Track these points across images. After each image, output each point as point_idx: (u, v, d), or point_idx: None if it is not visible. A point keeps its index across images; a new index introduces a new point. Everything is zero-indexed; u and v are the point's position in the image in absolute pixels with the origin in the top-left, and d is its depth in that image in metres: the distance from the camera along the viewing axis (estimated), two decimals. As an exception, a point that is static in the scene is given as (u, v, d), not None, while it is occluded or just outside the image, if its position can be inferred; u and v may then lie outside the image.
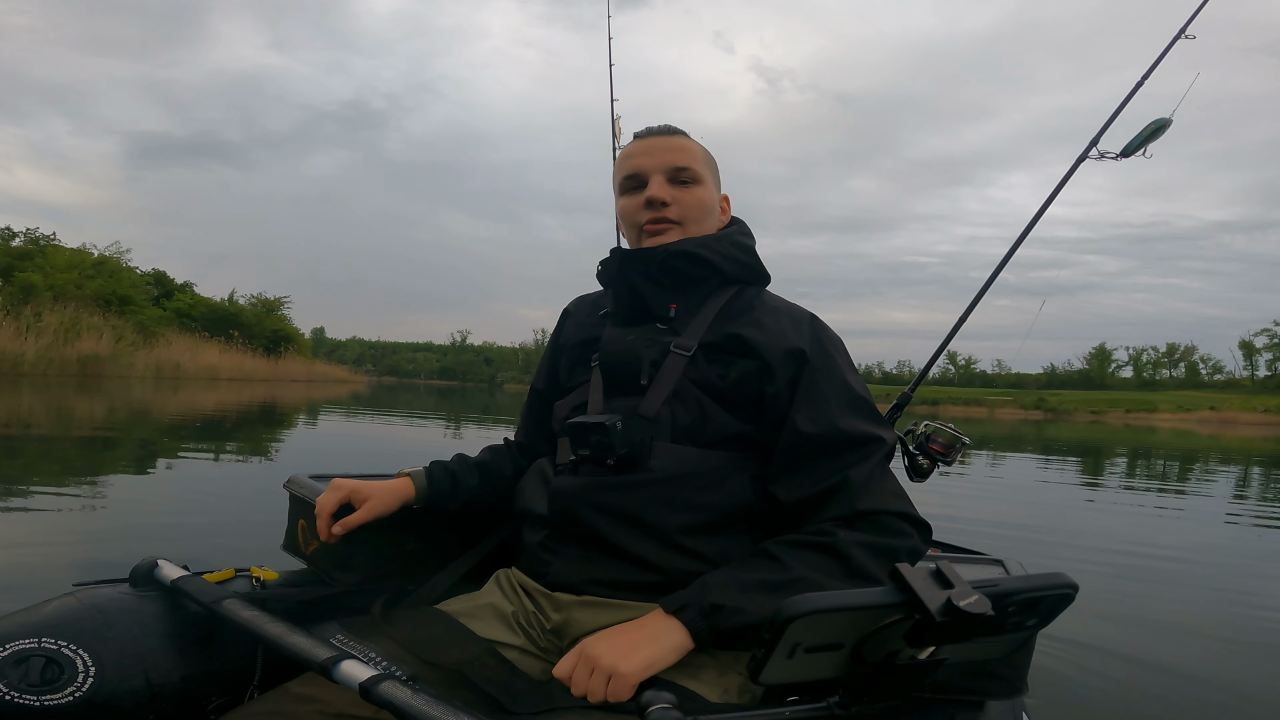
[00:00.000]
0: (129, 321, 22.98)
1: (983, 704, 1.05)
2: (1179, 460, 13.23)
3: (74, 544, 3.13)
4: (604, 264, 1.30)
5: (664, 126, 1.30)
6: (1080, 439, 20.85)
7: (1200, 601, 3.22)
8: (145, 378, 20.20)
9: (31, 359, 17.55)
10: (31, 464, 5.34)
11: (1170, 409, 70.42)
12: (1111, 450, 15.59)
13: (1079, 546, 4.35)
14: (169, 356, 22.71)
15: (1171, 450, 16.36)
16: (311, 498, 1.27)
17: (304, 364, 35.13)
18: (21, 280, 20.39)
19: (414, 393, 33.57)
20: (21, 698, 0.94)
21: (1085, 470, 10.46)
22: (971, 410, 67.13)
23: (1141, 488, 8.40)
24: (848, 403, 1.14)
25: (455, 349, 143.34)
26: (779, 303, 1.27)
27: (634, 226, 1.28)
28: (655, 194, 1.24)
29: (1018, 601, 0.73)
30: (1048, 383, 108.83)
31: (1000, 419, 46.99)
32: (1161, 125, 1.90)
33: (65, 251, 24.94)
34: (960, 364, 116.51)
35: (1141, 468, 11.40)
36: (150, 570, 1.17)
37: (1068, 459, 12.27)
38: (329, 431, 10.01)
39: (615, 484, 1.12)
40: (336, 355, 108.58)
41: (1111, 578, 3.48)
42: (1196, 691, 2.14)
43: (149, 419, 9.61)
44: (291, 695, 0.96)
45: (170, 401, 12.86)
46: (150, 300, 26.88)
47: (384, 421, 12.39)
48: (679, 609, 0.98)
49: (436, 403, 19.49)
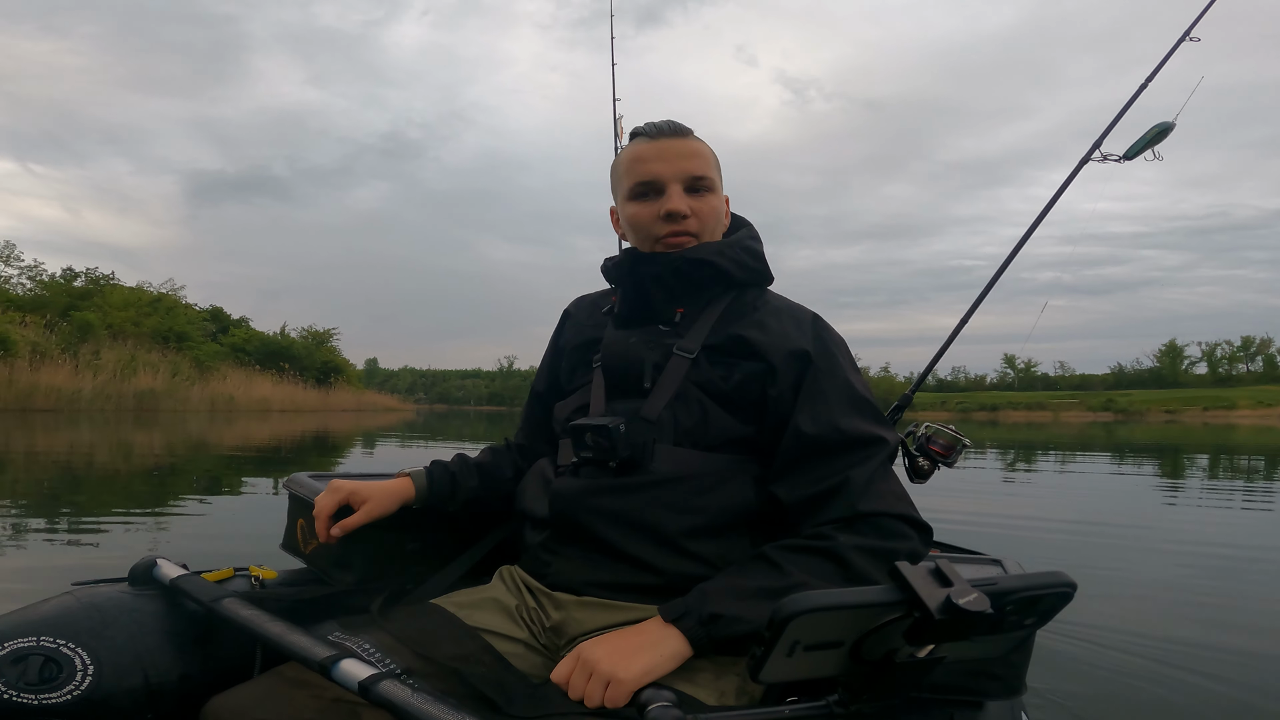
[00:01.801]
0: (186, 357, 23.62)
1: (982, 704, 1.04)
2: (1263, 458, 12.76)
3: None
4: (615, 264, 1.27)
5: (670, 125, 1.24)
6: (1155, 440, 20.10)
7: (1204, 602, 3.17)
8: (200, 411, 20.68)
9: (89, 395, 18.00)
10: (83, 489, 5.52)
11: (1250, 405, 68.92)
12: (1191, 450, 15.07)
13: (1082, 543, 4.31)
14: (223, 390, 23.31)
15: (1253, 449, 15.76)
16: (311, 497, 1.27)
17: (354, 394, 35.72)
18: (79, 319, 20.97)
19: (464, 419, 33.62)
20: (20, 696, 0.94)
21: (1161, 471, 10.15)
22: (1034, 415, 65.44)
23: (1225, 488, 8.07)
24: (850, 403, 1.13)
25: (503, 374, 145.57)
26: (781, 303, 1.26)
27: (648, 237, 1.23)
28: (677, 207, 1.19)
29: (1016, 600, 0.74)
30: (1115, 383, 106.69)
31: (1066, 422, 46.04)
32: (1165, 129, 1.91)
33: (123, 290, 25.76)
34: (1020, 368, 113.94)
35: (1224, 466, 11.02)
36: (149, 569, 1.18)
37: (1139, 460, 11.91)
38: (381, 457, 10.25)
39: (617, 486, 1.11)
40: (389, 385, 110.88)
41: (1113, 577, 3.46)
42: (1199, 691, 2.12)
43: (203, 449, 9.93)
44: (287, 679, 0.96)
45: (224, 433, 13.20)
46: (207, 336, 27.57)
47: (429, 446, 12.57)
48: (678, 618, 0.97)
49: (486, 430, 19.54)
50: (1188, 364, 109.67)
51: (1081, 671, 2.20)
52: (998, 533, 4.67)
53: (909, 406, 1.98)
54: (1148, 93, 2.05)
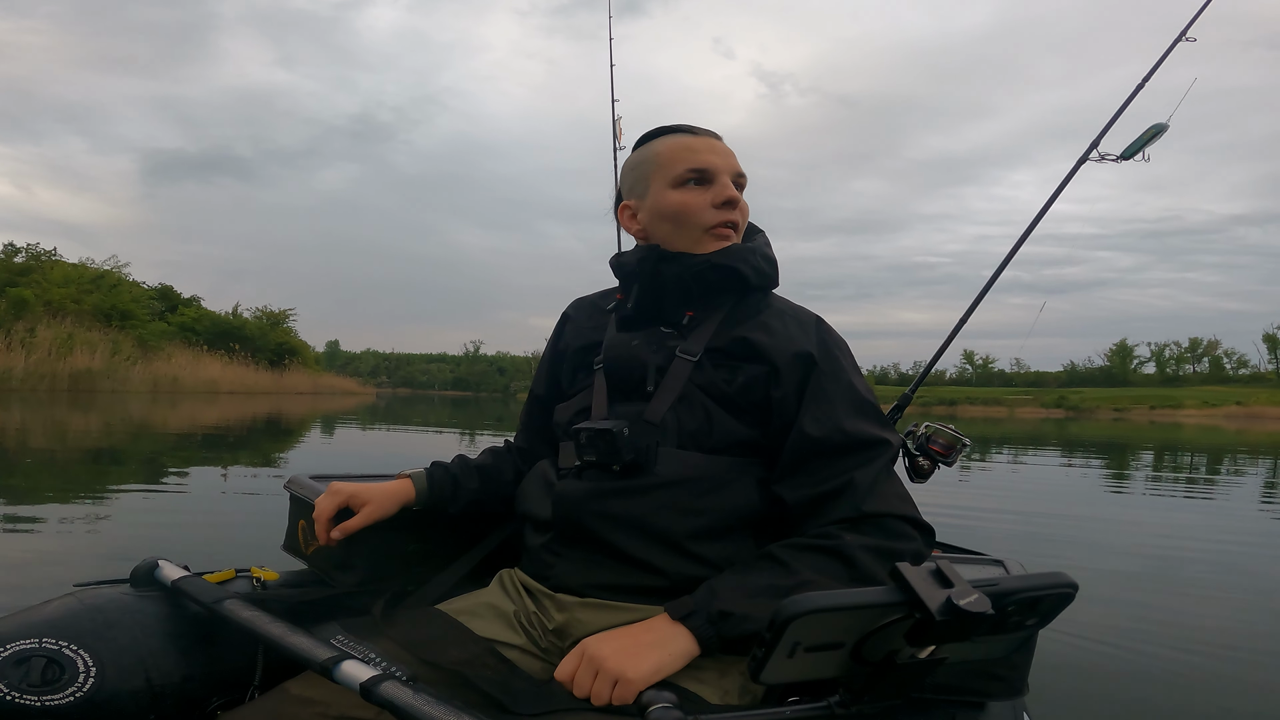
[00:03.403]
0: (129, 336, 22.86)
1: (984, 704, 1.04)
2: (1205, 456, 13.06)
3: (72, 547, 3.12)
4: (639, 261, 1.23)
5: (704, 129, 1.26)
6: (1105, 436, 20.53)
7: (1207, 599, 3.19)
8: (140, 392, 19.93)
9: (20, 374, 17.47)
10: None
11: (1195, 405, 69.95)
12: (1137, 447, 15.35)
13: (1083, 544, 4.30)
14: (167, 371, 22.56)
15: (1197, 446, 16.13)
16: (312, 498, 1.27)
17: (310, 376, 34.70)
18: (14, 295, 20.29)
19: (428, 404, 32.96)
20: (23, 698, 0.94)
21: (1110, 466, 10.37)
22: (991, 410, 66.31)
23: (1169, 484, 8.26)
24: (853, 405, 1.14)
25: (469, 359, 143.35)
26: (785, 305, 1.27)
27: (697, 226, 1.21)
28: (735, 195, 1.21)
29: (1017, 601, 0.74)
30: (1068, 380, 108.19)
31: (1021, 418, 46.57)
32: (1159, 130, 1.92)
33: (64, 266, 24.85)
34: (978, 364, 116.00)
35: (1167, 464, 11.26)
36: (151, 571, 1.17)
37: (1091, 457, 12.11)
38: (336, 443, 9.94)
39: (621, 489, 1.11)
40: (351, 368, 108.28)
41: (1114, 577, 3.45)
42: (1201, 690, 2.13)
43: (143, 432, 9.50)
44: (292, 697, 0.95)
45: (166, 416, 12.66)
46: (153, 315, 26.65)
47: (390, 430, 12.23)
48: (686, 616, 0.97)
49: (451, 414, 19.04)
50: (1137, 363, 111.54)
51: (1083, 672, 2.20)
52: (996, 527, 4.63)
53: (908, 404, 1.97)
54: (1133, 95, 2.04)
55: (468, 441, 10.52)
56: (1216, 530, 5.22)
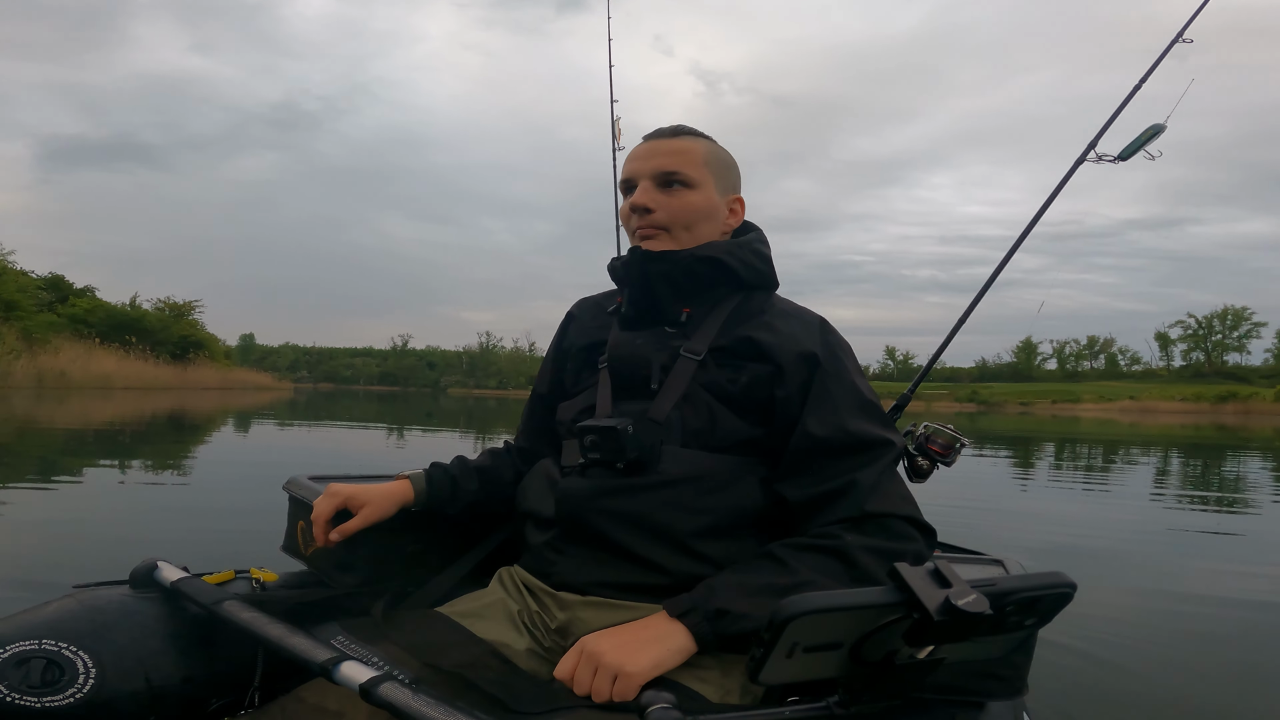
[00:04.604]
0: (13, 328, 21.33)
1: (983, 704, 1.04)
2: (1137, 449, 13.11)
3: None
4: (624, 263, 1.27)
5: (672, 127, 1.28)
6: (1015, 430, 20.64)
7: (1210, 598, 3.12)
8: (24, 388, 18.61)
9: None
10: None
11: (1093, 399, 72.12)
12: (1043, 439, 15.36)
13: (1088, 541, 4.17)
14: (53, 365, 21.12)
15: (1109, 439, 16.27)
16: (311, 499, 1.26)
17: (218, 371, 33.14)
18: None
19: (352, 399, 31.50)
20: (22, 699, 0.94)
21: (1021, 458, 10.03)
22: (911, 405, 67.93)
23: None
24: (857, 406, 1.15)
25: (396, 353, 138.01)
26: (789, 306, 1.28)
27: (629, 231, 1.28)
28: (637, 200, 1.23)
29: (1016, 601, 0.74)
30: (979, 376, 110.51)
31: (937, 412, 46.92)
32: (1156, 130, 1.92)
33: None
34: (899, 359, 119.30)
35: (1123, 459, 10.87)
36: (150, 572, 1.17)
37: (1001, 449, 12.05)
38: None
39: (625, 487, 1.12)
40: (268, 362, 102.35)
41: (1115, 576, 3.42)
42: (1203, 689, 2.13)
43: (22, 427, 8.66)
44: (307, 705, 0.95)
45: (52, 412, 11.65)
46: (41, 306, 25.03)
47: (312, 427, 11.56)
48: (684, 613, 0.98)
49: (378, 410, 17.89)
50: (1040, 360, 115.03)
51: (1085, 671, 2.18)
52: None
53: (907, 404, 1.97)
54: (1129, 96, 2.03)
55: (394, 438, 9.84)
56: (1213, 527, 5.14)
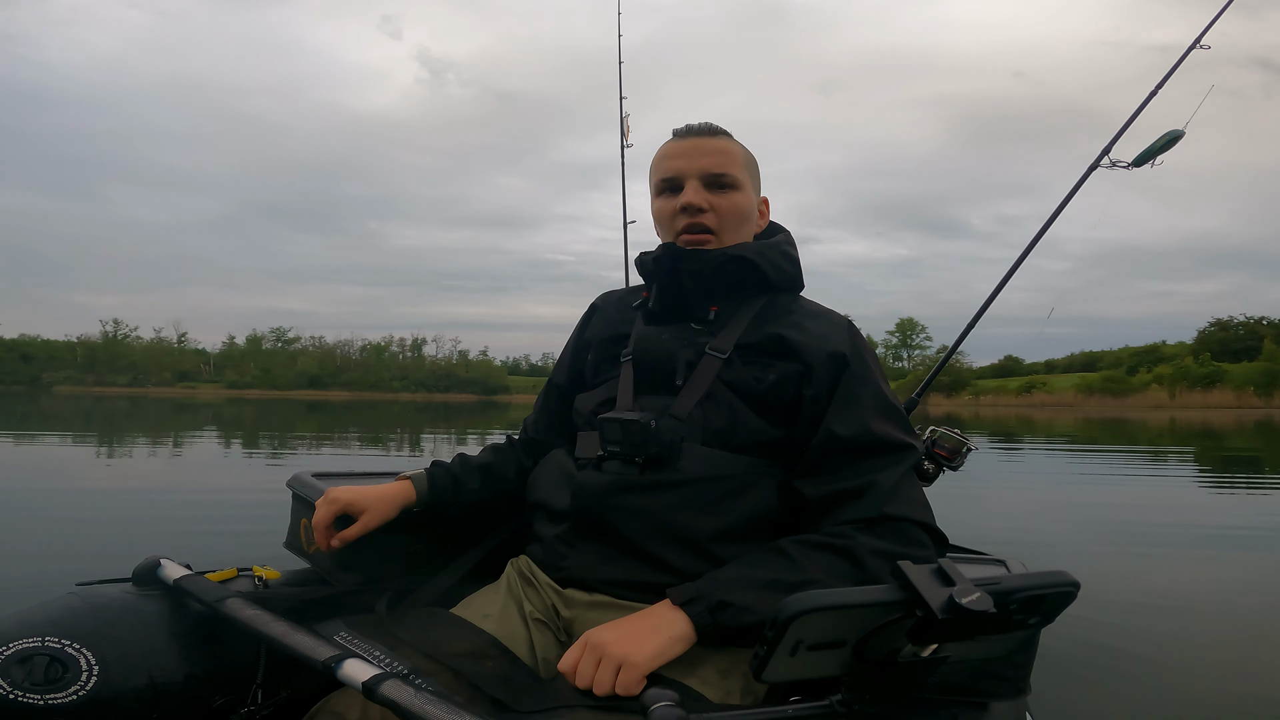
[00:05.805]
0: None
1: (986, 704, 1.04)
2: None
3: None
4: (655, 259, 1.26)
5: (704, 126, 1.27)
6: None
7: (1211, 599, 3.14)
8: None
9: None
10: None
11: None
12: None
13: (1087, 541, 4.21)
14: None
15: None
16: (313, 498, 1.27)
17: None
18: None
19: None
20: (26, 696, 0.94)
21: None
22: None
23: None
24: (881, 409, 1.15)
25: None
26: (816, 307, 1.28)
27: (669, 231, 1.26)
28: (692, 199, 1.22)
29: (1020, 599, 0.74)
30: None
31: None
32: (1175, 137, 1.92)
33: None
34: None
35: None
36: (153, 569, 1.18)
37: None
38: None
39: (644, 484, 1.11)
40: None
41: (1117, 577, 3.41)
42: (1206, 690, 2.12)
43: None
44: (335, 715, 0.96)
45: None
46: None
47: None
48: (686, 602, 0.97)
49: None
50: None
51: (1086, 671, 2.19)
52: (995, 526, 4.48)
53: (914, 408, 1.96)
54: (1144, 103, 2.04)
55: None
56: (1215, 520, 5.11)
